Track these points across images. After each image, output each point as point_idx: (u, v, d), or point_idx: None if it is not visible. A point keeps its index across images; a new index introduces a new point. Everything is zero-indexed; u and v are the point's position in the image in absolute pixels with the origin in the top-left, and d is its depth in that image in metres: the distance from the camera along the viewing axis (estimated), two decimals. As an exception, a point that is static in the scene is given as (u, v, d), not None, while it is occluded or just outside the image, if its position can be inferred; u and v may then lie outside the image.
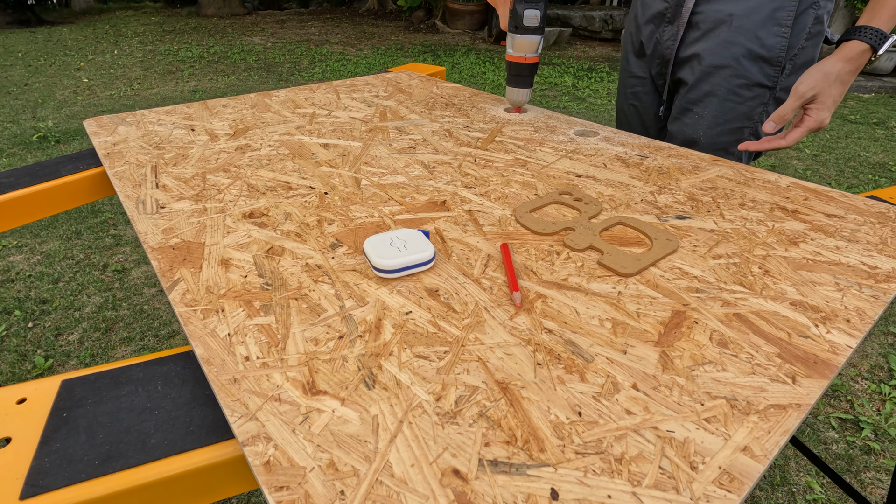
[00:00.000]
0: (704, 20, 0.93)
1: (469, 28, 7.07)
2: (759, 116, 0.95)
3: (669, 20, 0.98)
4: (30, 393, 0.42)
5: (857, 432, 1.41)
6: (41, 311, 1.80)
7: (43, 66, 5.12)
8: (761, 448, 0.35)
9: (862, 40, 0.78)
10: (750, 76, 0.91)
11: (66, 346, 1.65)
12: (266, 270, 0.54)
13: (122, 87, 4.41)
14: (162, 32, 6.89)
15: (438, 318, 0.47)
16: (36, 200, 0.77)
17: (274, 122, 0.97)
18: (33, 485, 0.35)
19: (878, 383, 1.57)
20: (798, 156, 3.26)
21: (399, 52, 5.79)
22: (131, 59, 5.42)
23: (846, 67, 0.79)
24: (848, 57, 0.79)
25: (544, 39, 6.15)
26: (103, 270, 2.02)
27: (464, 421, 0.37)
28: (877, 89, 4.71)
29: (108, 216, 2.39)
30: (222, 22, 7.68)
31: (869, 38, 0.77)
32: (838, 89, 0.80)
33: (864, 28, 0.78)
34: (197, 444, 0.38)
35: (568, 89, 4.56)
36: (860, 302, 0.50)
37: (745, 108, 0.94)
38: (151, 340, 1.67)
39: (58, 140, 3.21)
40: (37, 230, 2.27)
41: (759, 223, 0.64)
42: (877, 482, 1.27)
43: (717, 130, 0.96)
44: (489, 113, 1.04)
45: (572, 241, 0.59)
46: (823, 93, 0.80)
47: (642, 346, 0.44)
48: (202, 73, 4.92)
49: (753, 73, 0.91)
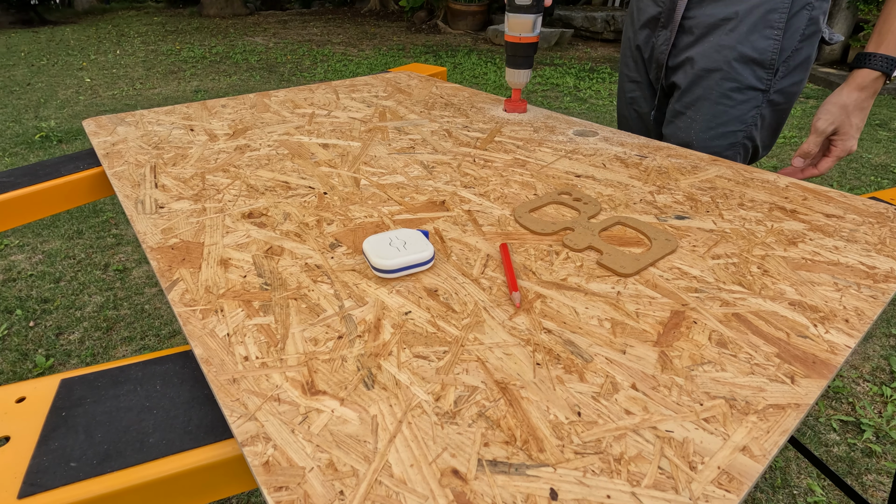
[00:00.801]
0: (697, 24, 0.93)
1: (471, 29, 7.07)
2: (753, 120, 0.95)
3: (663, 24, 0.98)
4: (29, 392, 0.42)
5: (859, 434, 1.40)
6: (42, 311, 1.80)
7: (45, 66, 5.12)
8: (760, 448, 0.35)
9: (872, 68, 0.79)
10: (742, 79, 0.91)
11: (67, 345, 1.65)
12: (265, 270, 0.54)
13: (124, 87, 4.42)
14: (164, 32, 6.90)
15: (438, 318, 0.47)
16: (36, 200, 0.77)
17: (273, 123, 0.97)
18: (32, 483, 0.35)
19: (880, 385, 1.57)
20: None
21: (401, 53, 5.79)
22: (133, 59, 5.43)
23: (862, 95, 0.80)
24: (862, 86, 0.80)
25: (545, 40, 6.14)
26: (104, 270, 2.02)
27: (463, 421, 0.37)
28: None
29: (110, 216, 2.39)
30: (224, 22, 7.69)
31: (879, 66, 0.79)
32: (858, 117, 0.81)
33: (873, 56, 0.79)
34: (195, 444, 0.38)
35: (570, 90, 4.56)
36: (859, 302, 0.50)
37: (737, 111, 0.94)
38: (152, 340, 1.68)
39: (60, 140, 3.21)
40: (38, 229, 2.27)
41: (758, 223, 0.64)
42: (878, 485, 1.27)
43: (709, 134, 0.96)
44: (488, 113, 1.04)
45: (571, 241, 0.59)
46: (844, 124, 0.82)
47: (641, 346, 0.44)
48: (204, 73, 4.93)
49: (745, 77, 0.91)
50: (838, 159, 0.84)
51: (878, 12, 4.74)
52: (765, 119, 0.95)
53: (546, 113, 1.04)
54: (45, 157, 2.95)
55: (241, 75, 4.85)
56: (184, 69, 5.05)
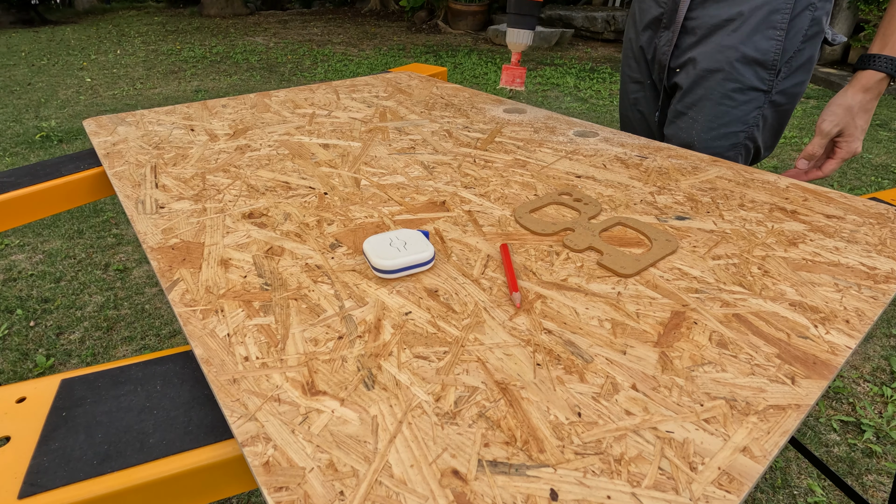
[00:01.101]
0: (699, 25, 0.93)
1: (471, 29, 7.07)
2: (754, 120, 0.95)
3: (665, 25, 0.98)
4: (29, 392, 0.42)
5: (859, 435, 1.40)
6: (43, 310, 1.80)
7: (46, 66, 5.11)
8: (761, 449, 0.35)
9: (877, 70, 0.79)
10: (744, 80, 0.91)
11: (68, 345, 1.65)
12: (265, 271, 0.54)
13: (124, 87, 4.41)
14: (165, 32, 6.89)
15: (438, 319, 0.47)
16: (37, 200, 0.77)
17: (273, 123, 0.97)
18: (32, 484, 0.35)
19: (881, 386, 1.57)
20: (800, 158, 3.26)
21: (401, 53, 5.78)
22: (134, 59, 5.42)
23: (866, 97, 0.80)
24: (866, 87, 0.80)
25: (546, 40, 6.14)
26: (105, 270, 2.02)
27: (463, 421, 0.37)
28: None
29: (111, 215, 2.39)
30: (225, 22, 7.68)
31: (884, 67, 0.78)
32: (863, 118, 0.81)
33: (878, 57, 0.79)
34: (196, 444, 0.38)
35: (570, 90, 4.56)
36: (859, 303, 0.50)
37: (739, 112, 0.94)
38: (153, 340, 1.68)
39: (60, 139, 3.21)
40: (38, 229, 2.27)
41: (759, 224, 0.64)
42: (878, 485, 1.27)
43: (711, 135, 0.96)
44: (489, 113, 1.04)
45: (572, 242, 0.59)
46: (849, 126, 0.81)
47: (642, 347, 0.44)
48: (205, 73, 4.92)
49: (748, 77, 0.91)
50: (843, 161, 0.84)
51: (879, 13, 4.74)
52: (767, 120, 0.95)
53: (546, 113, 1.04)
54: (46, 156, 2.95)
55: (241, 75, 4.85)
56: (184, 69, 5.05)
